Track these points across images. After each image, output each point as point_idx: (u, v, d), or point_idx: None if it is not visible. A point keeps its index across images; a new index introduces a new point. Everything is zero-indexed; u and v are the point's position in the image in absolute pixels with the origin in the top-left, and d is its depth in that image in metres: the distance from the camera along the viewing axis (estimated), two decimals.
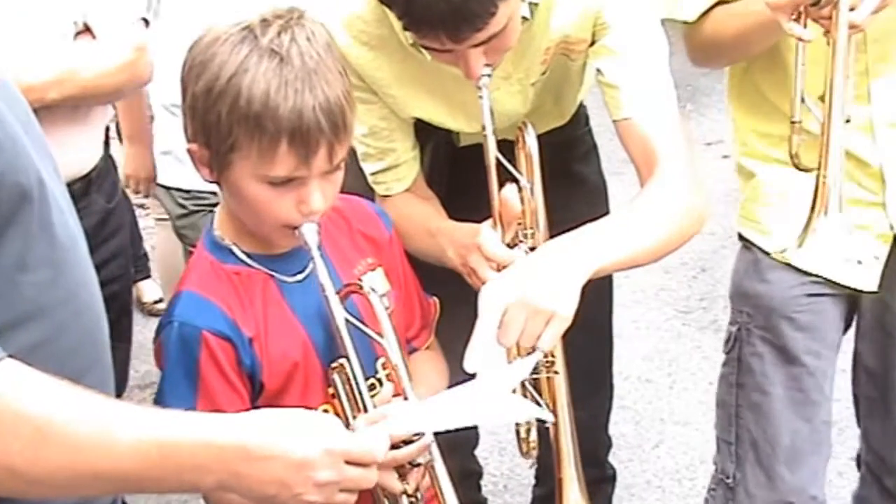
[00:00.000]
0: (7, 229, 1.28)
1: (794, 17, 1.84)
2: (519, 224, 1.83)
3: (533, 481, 2.80)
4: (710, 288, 4.33)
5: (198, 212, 3.13)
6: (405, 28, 1.72)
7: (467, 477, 2.77)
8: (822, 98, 1.87)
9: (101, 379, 1.45)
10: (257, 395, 1.65)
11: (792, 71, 1.99)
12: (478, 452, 2.89)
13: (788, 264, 2.12)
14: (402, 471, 1.56)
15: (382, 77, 1.95)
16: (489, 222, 1.81)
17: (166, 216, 3.50)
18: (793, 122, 1.95)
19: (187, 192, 3.13)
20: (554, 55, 1.98)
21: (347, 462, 1.37)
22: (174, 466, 1.29)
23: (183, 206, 3.19)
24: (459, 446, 2.65)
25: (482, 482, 2.95)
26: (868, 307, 2.20)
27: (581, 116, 2.40)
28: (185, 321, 1.61)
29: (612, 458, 2.73)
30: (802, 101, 1.93)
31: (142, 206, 4.40)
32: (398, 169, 2.06)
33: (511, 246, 1.80)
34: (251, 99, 1.50)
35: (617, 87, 1.89)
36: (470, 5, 1.61)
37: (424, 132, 2.13)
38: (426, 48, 1.77)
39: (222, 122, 1.53)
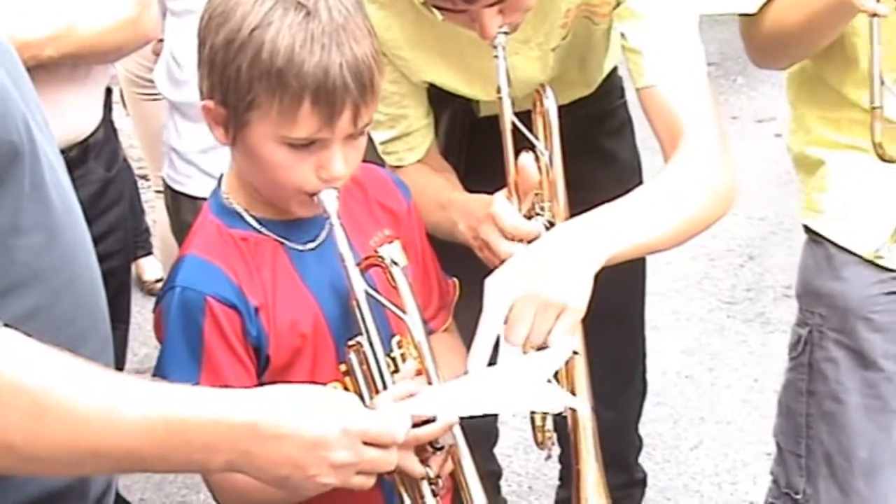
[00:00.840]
0: None
1: None
2: (536, 195, 1.83)
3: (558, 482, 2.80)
4: (757, 277, 4.33)
5: None
6: None
7: (486, 478, 2.76)
8: None
9: (99, 347, 1.47)
10: (262, 369, 1.66)
11: (857, 55, 1.98)
12: (502, 450, 2.90)
13: (866, 259, 2.09)
14: (423, 455, 1.56)
15: (392, 38, 1.95)
16: (504, 192, 1.81)
17: None
18: (873, 108, 1.90)
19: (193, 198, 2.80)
20: (575, 18, 1.98)
21: (365, 442, 1.38)
22: (182, 444, 1.30)
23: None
24: (478, 444, 2.62)
25: (506, 482, 2.96)
26: None
27: (613, 87, 2.39)
28: (187, 286, 1.62)
29: (646, 460, 2.74)
30: (882, 83, 1.89)
31: (144, 177, 4.43)
32: (410, 137, 2.07)
33: (527, 218, 1.80)
34: (274, 53, 1.51)
35: (639, 52, 1.88)
36: None
37: (440, 100, 2.13)
38: (438, 7, 1.77)
39: (242, 77, 1.54)
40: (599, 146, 2.34)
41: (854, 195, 2.12)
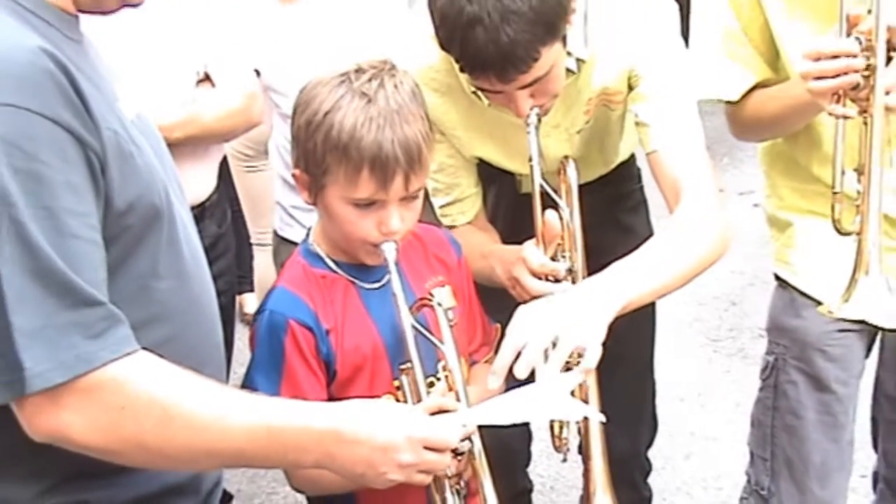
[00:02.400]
0: (142, 241, 1.36)
1: (834, 99, 1.82)
2: (559, 245, 1.85)
3: (579, 484, 2.77)
4: (738, 320, 4.30)
5: None
6: (461, 70, 1.77)
7: (520, 495, 2.72)
8: (857, 170, 1.84)
9: (216, 370, 1.51)
10: (330, 380, 1.70)
11: (822, 140, 1.98)
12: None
13: (822, 303, 2.06)
14: None
15: (449, 120, 2.00)
16: (532, 241, 1.84)
17: (265, 241, 3.56)
18: (834, 194, 1.90)
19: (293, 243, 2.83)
20: (596, 106, 2.01)
21: (425, 447, 1.41)
22: (279, 447, 1.34)
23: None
24: (512, 464, 2.61)
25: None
26: (890, 341, 2.19)
27: (632, 174, 2.39)
28: (275, 310, 1.67)
29: None
30: (843, 173, 1.89)
31: None
32: (462, 203, 2.10)
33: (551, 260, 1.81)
34: (341, 131, 1.58)
35: (648, 124, 1.91)
36: (515, 50, 1.66)
37: (489, 177, 2.16)
38: (481, 90, 1.82)
39: (318, 150, 1.61)
40: (618, 221, 2.34)
41: (816, 253, 2.12)
